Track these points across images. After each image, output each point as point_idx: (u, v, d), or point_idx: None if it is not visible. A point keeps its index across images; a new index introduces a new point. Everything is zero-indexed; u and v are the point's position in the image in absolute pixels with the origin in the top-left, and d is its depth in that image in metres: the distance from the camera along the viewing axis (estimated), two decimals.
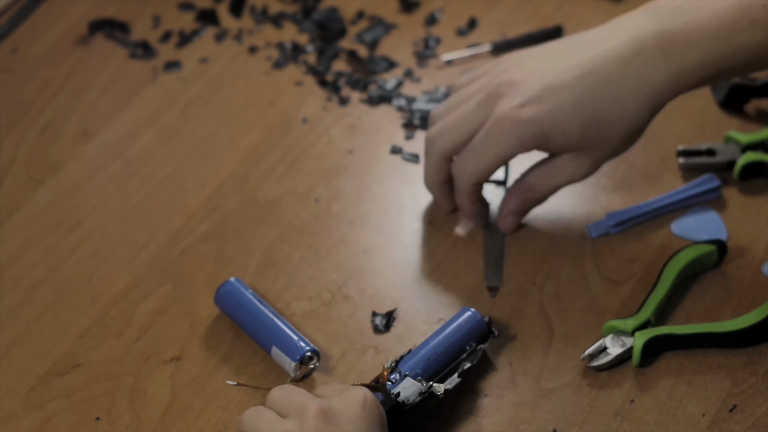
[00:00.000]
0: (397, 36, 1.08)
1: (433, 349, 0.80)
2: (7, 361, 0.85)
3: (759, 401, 0.79)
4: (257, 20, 1.10)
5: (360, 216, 0.94)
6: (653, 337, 0.81)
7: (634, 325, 0.82)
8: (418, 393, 0.77)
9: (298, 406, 0.72)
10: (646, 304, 0.83)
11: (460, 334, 0.81)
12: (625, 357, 0.82)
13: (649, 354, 0.81)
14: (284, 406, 0.73)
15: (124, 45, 1.08)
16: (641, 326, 0.82)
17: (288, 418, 0.72)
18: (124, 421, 0.81)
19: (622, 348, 0.81)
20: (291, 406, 0.72)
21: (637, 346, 0.81)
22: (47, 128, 1.02)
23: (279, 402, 0.74)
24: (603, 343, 0.82)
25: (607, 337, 0.82)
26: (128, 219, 0.94)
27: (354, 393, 0.72)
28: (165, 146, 1.00)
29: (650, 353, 0.81)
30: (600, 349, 0.81)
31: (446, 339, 0.80)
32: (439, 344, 0.80)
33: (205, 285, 0.89)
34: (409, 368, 0.79)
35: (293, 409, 0.72)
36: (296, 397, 0.73)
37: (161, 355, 0.85)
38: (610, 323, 0.82)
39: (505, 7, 1.10)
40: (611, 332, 0.82)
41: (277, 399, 0.74)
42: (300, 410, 0.71)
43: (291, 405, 0.72)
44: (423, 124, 1.00)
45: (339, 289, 0.88)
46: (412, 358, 0.79)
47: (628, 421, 0.79)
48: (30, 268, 0.91)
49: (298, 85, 1.05)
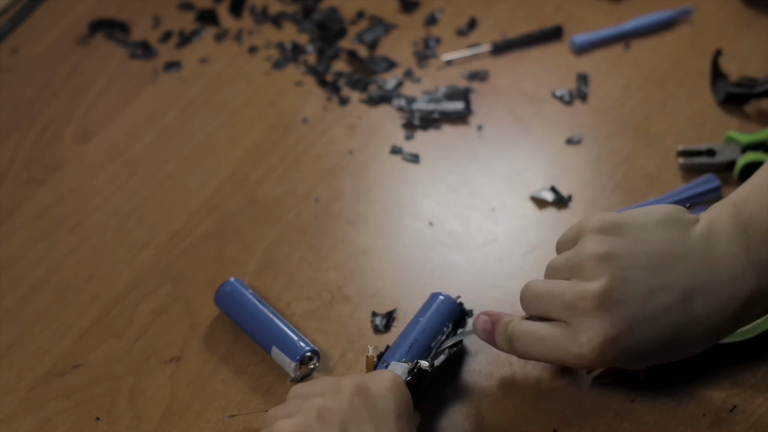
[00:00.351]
0: (397, 36, 1.08)
1: (413, 338, 0.81)
2: (7, 361, 0.85)
3: (759, 401, 0.79)
4: (257, 20, 1.10)
5: (360, 216, 0.94)
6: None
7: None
8: (406, 372, 0.78)
9: (331, 386, 0.72)
10: None
11: (437, 319, 0.82)
12: None
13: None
14: (315, 391, 0.73)
15: (124, 45, 1.08)
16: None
17: (323, 396, 0.71)
18: (124, 421, 0.81)
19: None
20: (322, 389, 0.72)
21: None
22: (47, 128, 1.02)
23: (305, 390, 0.73)
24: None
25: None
26: (128, 219, 0.94)
27: (383, 373, 0.74)
28: (165, 146, 1.00)
29: None
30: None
31: (425, 326, 0.82)
32: (419, 332, 0.81)
33: (205, 285, 0.89)
34: (394, 359, 0.80)
35: (328, 389, 0.72)
36: (325, 383, 0.73)
37: (161, 355, 0.85)
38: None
39: (505, 7, 1.10)
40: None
41: (301, 390, 0.74)
42: (335, 389, 0.71)
43: (322, 388, 0.72)
44: (423, 125, 1.00)
45: (339, 289, 0.88)
46: (396, 350, 0.80)
47: (628, 421, 0.79)
48: (30, 268, 0.91)
49: (298, 85, 1.05)
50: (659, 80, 1.03)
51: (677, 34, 1.06)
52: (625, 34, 1.06)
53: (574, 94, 1.02)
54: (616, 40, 1.06)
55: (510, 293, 0.87)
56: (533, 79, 1.03)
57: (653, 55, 1.05)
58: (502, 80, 1.04)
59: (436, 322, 0.82)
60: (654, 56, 1.05)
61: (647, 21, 1.07)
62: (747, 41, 1.05)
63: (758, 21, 1.06)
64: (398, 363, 0.79)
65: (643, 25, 1.07)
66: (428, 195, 0.94)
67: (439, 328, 0.82)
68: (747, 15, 1.07)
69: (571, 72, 1.04)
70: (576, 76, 1.03)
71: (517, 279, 0.88)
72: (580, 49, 1.05)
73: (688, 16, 1.07)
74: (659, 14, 1.07)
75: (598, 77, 1.03)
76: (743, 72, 1.01)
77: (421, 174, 0.97)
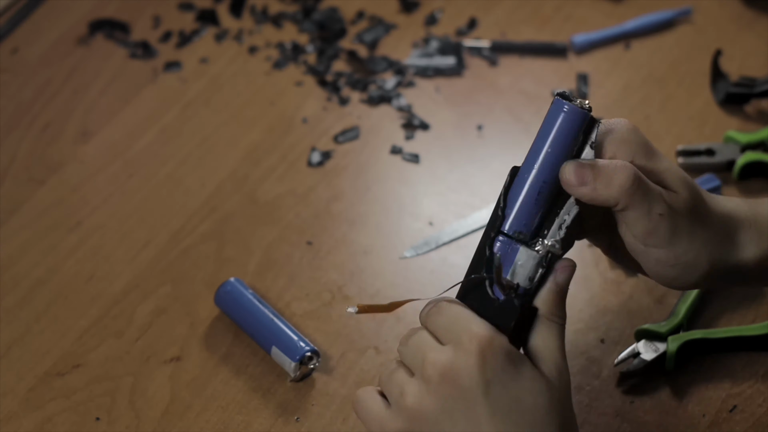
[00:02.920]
0: (397, 36, 1.08)
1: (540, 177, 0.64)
2: (7, 361, 0.85)
3: (759, 401, 0.79)
4: (257, 20, 1.10)
5: (360, 216, 0.94)
6: (687, 341, 0.81)
7: (667, 328, 0.82)
8: (534, 265, 0.64)
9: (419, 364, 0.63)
10: (677, 308, 0.83)
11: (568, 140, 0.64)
12: (658, 362, 0.81)
13: (682, 359, 0.81)
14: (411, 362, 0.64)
15: (124, 45, 1.08)
16: (674, 330, 0.82)
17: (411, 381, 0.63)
18: (124, 421, 0.81)
19: (656, 353, 0.81)
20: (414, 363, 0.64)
21: (671, 350, 0.80)
22: (47, 128, 1.02)
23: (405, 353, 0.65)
24: (636, 348, 0.81)
25: (639, 343, 0.81)
26: (128, 219, 0.94)
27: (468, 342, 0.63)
28: (165, 146, 1.00)
29: (683, 358, 0.81)
30: (633, 354, 0.81)
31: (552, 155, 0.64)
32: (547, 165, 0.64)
33: (205, 285, 0.89)
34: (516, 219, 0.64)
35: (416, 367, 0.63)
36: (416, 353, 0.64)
37: (161, 355, 0.85)
38: (643, 327, 0.82)
39: (505, 7, 1.10)
40: (643, 337, 0.81)
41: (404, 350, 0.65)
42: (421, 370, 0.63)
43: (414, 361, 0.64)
44: (423, 125, 1.00)
45: (339, 289, 0.88)
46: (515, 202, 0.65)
47: (628, 421, 0.79)
48: (30, 268, 0.91)
49: (298, 85, 1.05)
50: (659, 80, 1.03)
51: (677, 34, 1.06)
52: (625, 34, 1.07)
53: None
54: (616, 40, 1.06)
55: None
56: (533, 79, 1.03)
57: (653, 55, 1.05)
58: (502, 80, 1.04)
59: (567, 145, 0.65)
60: (654, 56, 1.05)
61: (647, 21, 1.07)
62: (747, 41, 1.05)
63: (758, 21, 1.06)
64: (525, 247, 0.64)
65: (643, 25, 1.07)
66: (428, 195, 0.94)
67: (570, 151, 0.65)
68: (747, 15, 1.07)
69: (571, 72, 1.04)
70: (576, 76, 1.03)
71: None
72: (580, 49, 1.05)
73: (688, 16, 1.08)
74: (659, 14, 1.07)
75: (598, 77, 1.03)
76: (743, 72, 1.01)
77: (421, 174, 0.97)
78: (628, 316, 0.85)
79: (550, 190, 0.65)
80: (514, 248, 0.65)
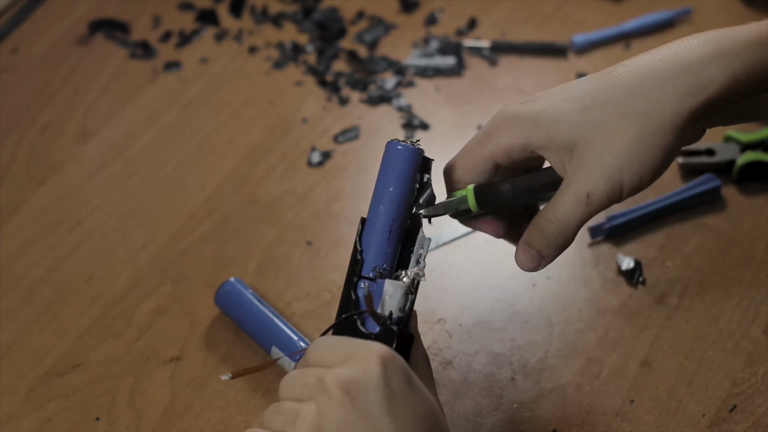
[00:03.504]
0: (397, 36, 1.08)
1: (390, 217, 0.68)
2: (7, 361, 0.85)
3: (759, 401, 0.79)
4: (257, 20, 1.10)
5: (360, 216, 0.94)
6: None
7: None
8: (403, 294, 0.66)
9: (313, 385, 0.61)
10: None
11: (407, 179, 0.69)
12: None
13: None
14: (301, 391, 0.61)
15: (124, 45, 1.08)
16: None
17: (306, 403, 0.61)
18: (124, 421, 0.81)
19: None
20: (305, 390, 0.61)
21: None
22: (47, 128, 1.02)
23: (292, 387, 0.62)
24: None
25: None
26: (128, 219, 0.94)
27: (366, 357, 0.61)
28: (165, 146, 1.00)
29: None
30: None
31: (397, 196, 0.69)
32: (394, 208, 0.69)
33: (205, 285, 0.89)
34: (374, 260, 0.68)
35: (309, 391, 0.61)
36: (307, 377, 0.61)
37: (161, 355, 0.85)
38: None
39: (505, 7, 1.10)
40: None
41: (289, 384, 0.63)
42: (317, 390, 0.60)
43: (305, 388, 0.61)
44: (423, 125, 1.00)
45: (339, 289, 0.88)
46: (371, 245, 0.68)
47: (628, 421, 0.79)
48: (30, 268, 0.91)
49: (298, 85, 1.05)
50: None
51: (677, 34, 1.06)
52: (625, 34, 1.07)
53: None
54: (616, 40, 1.06)
55: (510, 293, 0.87)
56: (533, 79, 1.03)
57: None
58: (502, 80, 1.04)
59: (407, 183, 0.69)
60: None
61: (647, 21, 1.07)
62: None
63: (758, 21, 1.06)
64: (390, 280, 0.66)
65: (643, 25, 1.07)
66: None
67: (411, 187, 0.69)
68: (747, 15, 1.07)
69: (571, 72, 1.04)
70: (576, 76, 1.03)
71: (517, 279, 0.88)
72: (580, 49, 1.05)
73: (688, 16, 1.07)
74: (659, 14, 1.07)
75: None
76: None
77: None
78: (628, 316, 0.85)
79: (399, 226, 0.69)
80: (380, 283, 0.67)
